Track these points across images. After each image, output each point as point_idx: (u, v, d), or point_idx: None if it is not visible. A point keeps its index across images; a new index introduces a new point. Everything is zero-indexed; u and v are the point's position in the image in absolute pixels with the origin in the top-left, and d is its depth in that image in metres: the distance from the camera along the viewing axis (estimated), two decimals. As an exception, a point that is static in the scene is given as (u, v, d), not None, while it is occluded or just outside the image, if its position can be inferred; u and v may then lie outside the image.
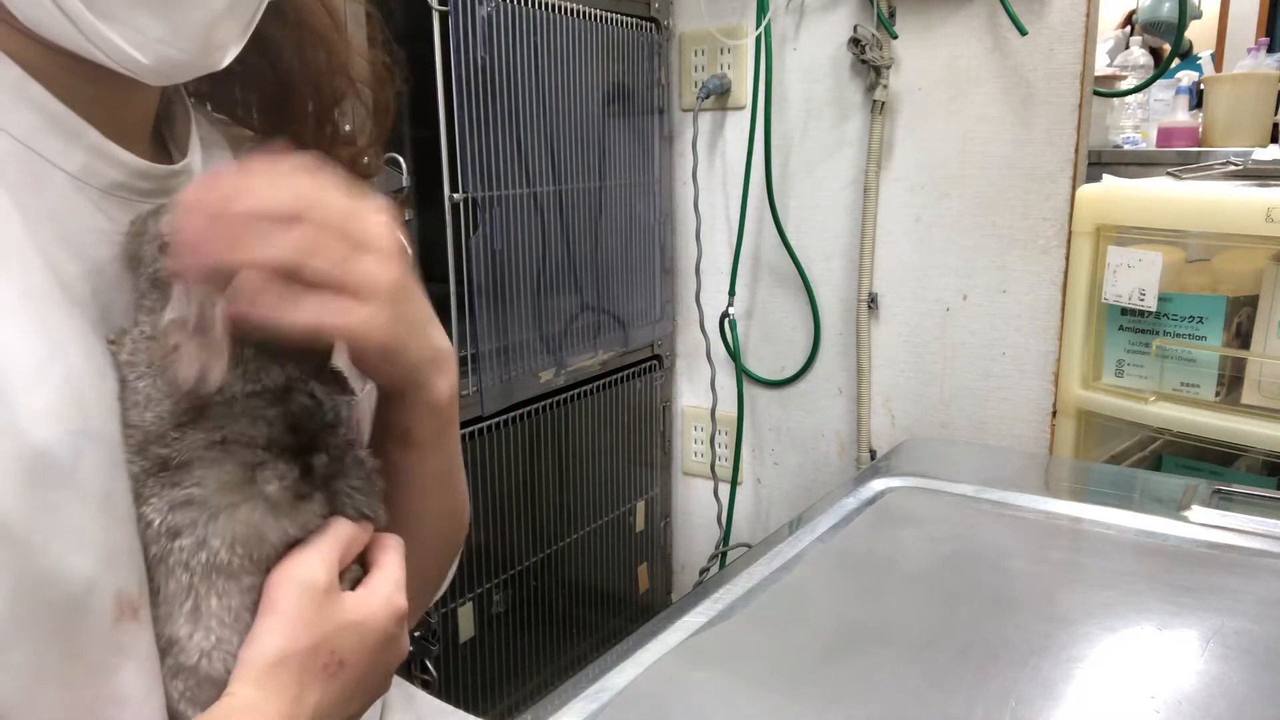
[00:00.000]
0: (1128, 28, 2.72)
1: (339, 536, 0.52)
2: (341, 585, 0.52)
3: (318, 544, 0.51)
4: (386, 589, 0.53)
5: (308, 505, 0.51)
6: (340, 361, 0.52)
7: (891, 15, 1.47)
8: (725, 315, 1.70)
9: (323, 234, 0.45)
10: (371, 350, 0.49)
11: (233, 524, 0.48)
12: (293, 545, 0.50)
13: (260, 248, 0.44)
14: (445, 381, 0.56)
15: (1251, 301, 1.24)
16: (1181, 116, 2.18)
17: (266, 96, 0.61)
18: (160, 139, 0.57)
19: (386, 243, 0.48)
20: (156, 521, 0.47)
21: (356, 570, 0.53)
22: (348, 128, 0.64)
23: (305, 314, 0.45)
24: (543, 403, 1.48)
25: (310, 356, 0.51)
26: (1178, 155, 1.92)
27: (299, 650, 0.48)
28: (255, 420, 0.49)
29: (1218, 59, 3.08)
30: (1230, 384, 1.25)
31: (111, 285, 0.49)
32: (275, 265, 0.44)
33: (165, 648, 0.48)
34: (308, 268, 0.45)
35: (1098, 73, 1.67)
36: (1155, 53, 2.49)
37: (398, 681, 0.78)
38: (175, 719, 0.49)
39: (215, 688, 0.48)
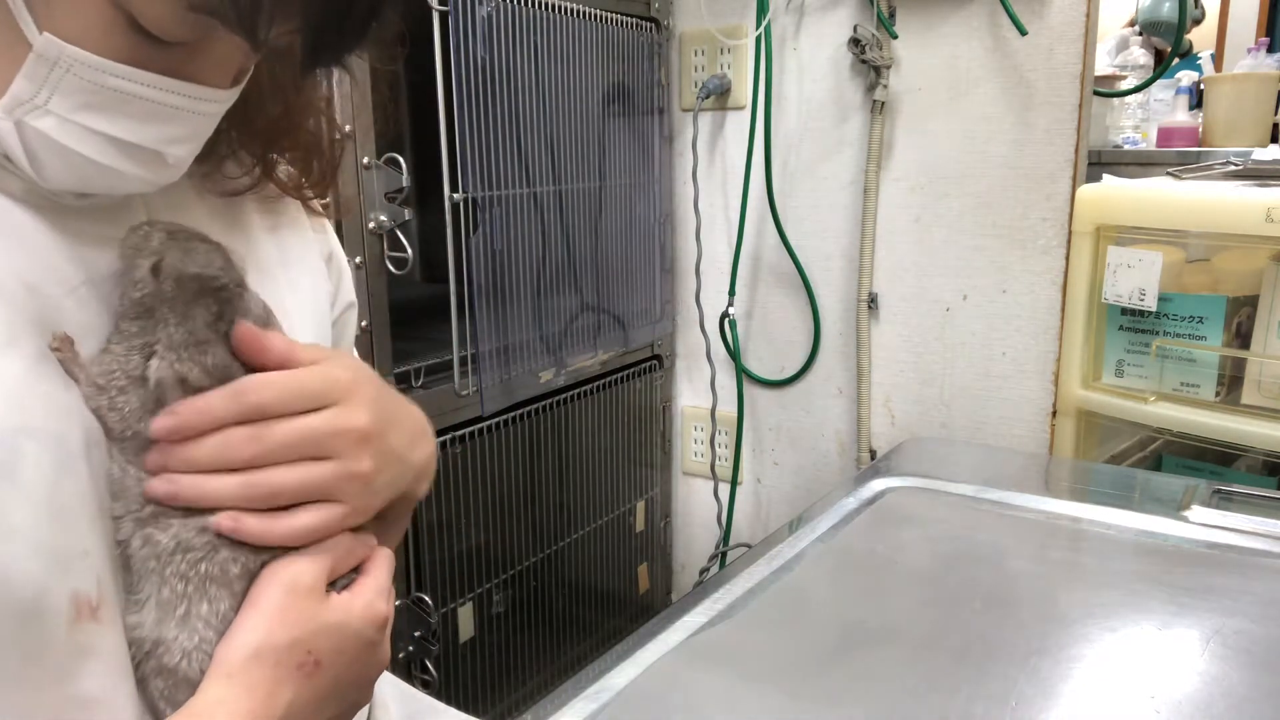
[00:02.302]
0: (1134, 27, 2.72)
1: (334, 544, 0.52)
2: (334, 590, 0.52)
3: (311, 548, 0.51)
4: (369, 595, 0.53)
5: None
6: None
7: (891, 15, 1.47)
8: (725, 315, 1.70)
9: (280, 453, 0.49)
10: (359, 524, 0.54)
11: (244, 545, 0.49)
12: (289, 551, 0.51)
13: (219, 497, 0.49)
14: (425, 484, 0.60)
15: (1251, 301, 1.24)
16: (1181, 116, 2.18)
17: None
18: None
19: (349, 428, 0.52)
20: (165, 539, 0.48)
21: (351, 578, 0.54)
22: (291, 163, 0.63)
23: (286, 532, 0.50)
24: (543, 403, 1.48)
25: None
26: (1178, 155, 1.92)
27: (275, 646, 0.48)
28: None
29: (1218, 59, 3.08)
30: (1230, 384, 1.25)
31: (56, 286, 0.49)
32: (245, 504, 0.49)
33: (151, 649, 0.48)
34: (277, 498, 0.50)
35: (1098, 73, 1.67)
36: (1159, 53, 2.49)
37: (393, 680, 0.78)
38: (157, 718, 0.49)
39: (191, 688, 0.48)
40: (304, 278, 0.63)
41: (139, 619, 0.48)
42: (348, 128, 0.65)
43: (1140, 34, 2.57)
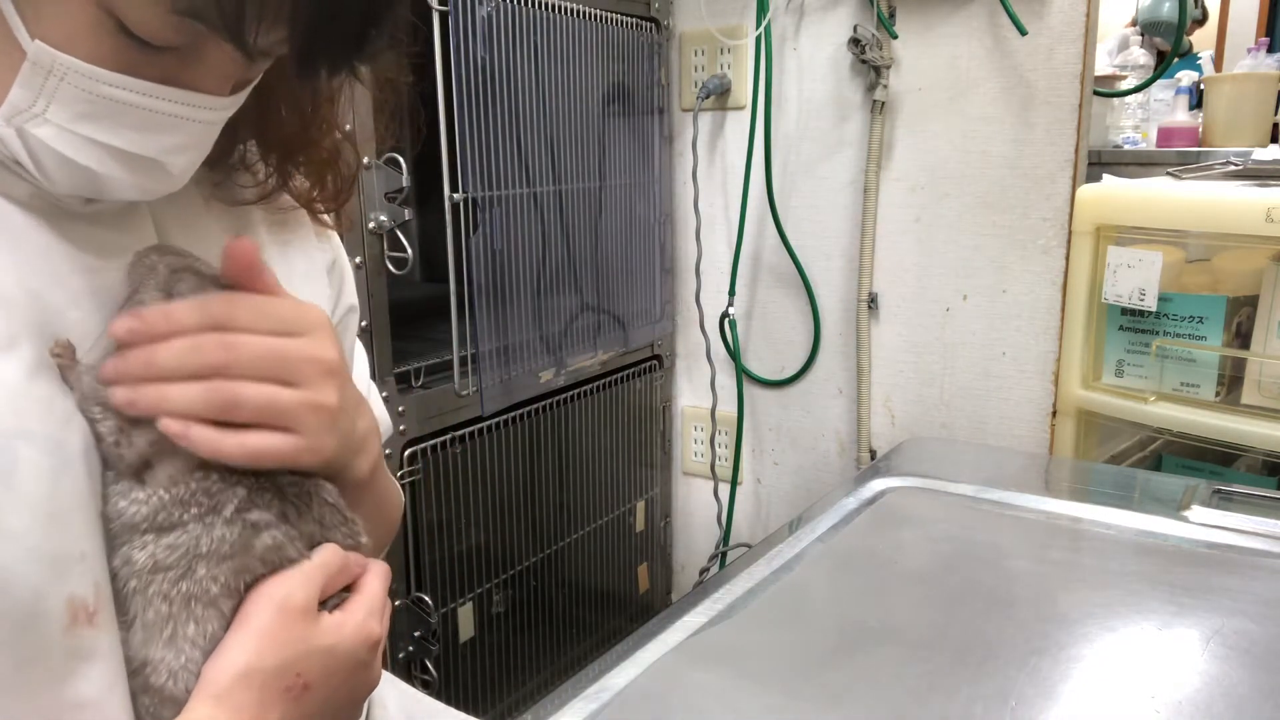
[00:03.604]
0: (1134, 27, 2.71)
1: (326, 562, 0.52)
2: (325, 609, 0.52)
3: (303, 565, 0.51)
4: (361, 614, 0.53)
5: (296, 543, 0.51)
6: None
7: (891, 15, 1.47)
8: (725, 315, 1.70)
9: (248, 367, 0.48)
10: (313, 466, 0.52)
11: (222, 563, 0.49)
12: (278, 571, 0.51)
13: (178, 401, 0.46)
14: (367, 460, 0.58)
15: (1251, 301, 1.24)
16: (1181, 116, 2.18)
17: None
18: None
19: (319, 358, 0.50)
20: (142, 559, 0.47)
21: (343, 597, 0.54)
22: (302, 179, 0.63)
23: (238, 449, 0.48)
24: (543, 403, 1.48)
25: None
26: (1178, 155, 1.91)
27: (264, 669, 0.48)
28: (248, 486, 0.50)
29: (1218, 59, 3.08)
30: (1230, 384, 1.25)
31: (58, 292, 0.48)
32: (197, 414, 0.47)
33: (139, 668, 0.48)
34: (238, 411, 0.47)
35: (1098, 73, 1.67)
36: (1160, 53, 2.49)
37: (393, 680, 0.78)
38: None
39: (176, 706, 0.48)
40: (307, 289, 0.63)
41: (126, 637, 0.48)
42: (347, 127, 0.64)
43: (1141, 34, 2.57)
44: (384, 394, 1.15)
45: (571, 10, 1.41)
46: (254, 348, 0.48)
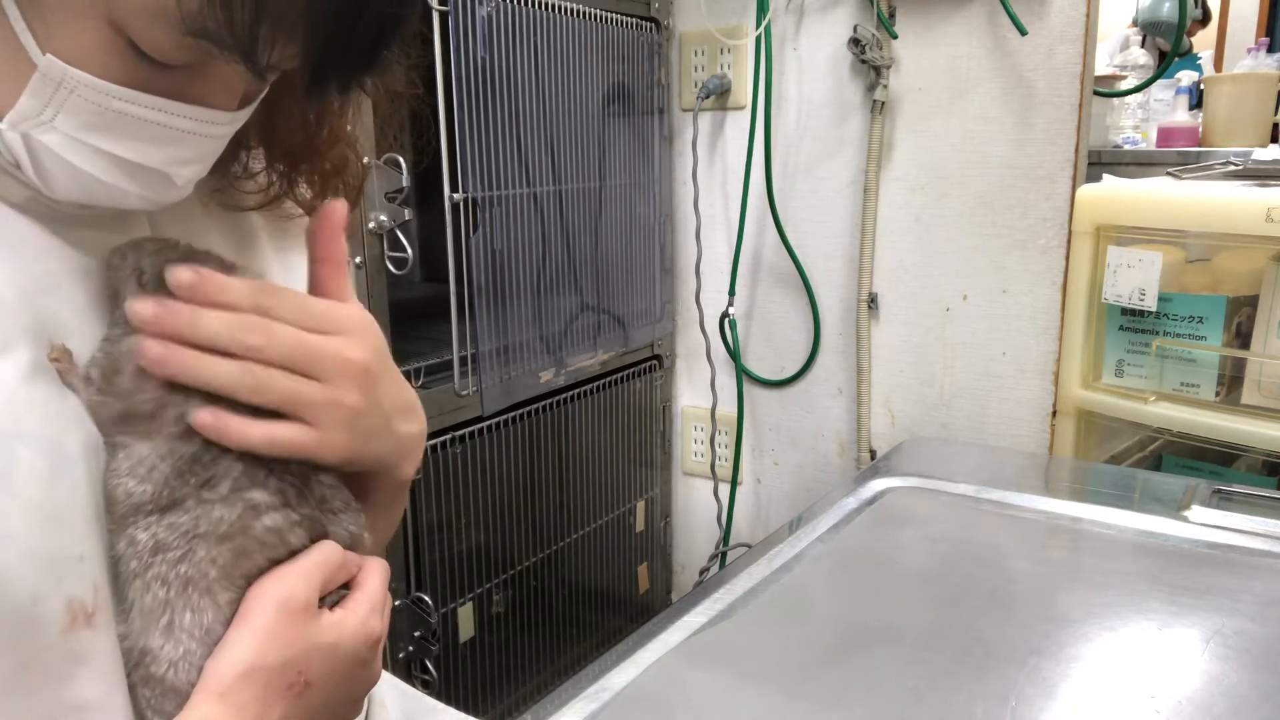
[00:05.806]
0: (1135, 27, 2.72)
1: (326, 558, 0.52)
2: (324, 606, 0.52)
3: (302, 562, 0.51)
4: (363, 612, 0.53)
5: (296, 529, 0.51)
6: None
7: (891, 15, 1.47)
8: (725, 315, 1.70)
9: (279, 356, 0.49)
10: (328, 461, 0.52)
11: (221, 543, 0.48)
12: (278, 563, 0.50)
13: (212, 375, 0.47)
14: (411, 464, 0.59)
15: (1251, 301, 1.24)
16: (1181, 116, 2.18)
17: None
18: None
19: (347, 358, 0.51)
20: (144, 539, 0.47)
21: (342, 594, 0.53)
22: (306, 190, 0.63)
23: (257, 435, 0.48)
24: (543, 403, 1.48)
25: None
26: (1178, 155, 1.92)
27: (266, 666, 0.48)
28: (244, 461, 0.50)
29: (1218, 59, 3.08)
30: (1230, 384, 1.25)
31: (54, 295, 0.48)
32: (226, 391, 0.48)
33: (139, 659, 0.48)
34: (264, 395, 0.48)
35: (1098, 73, 1.67)
36: (1162, 54, 2.50)
37: (393, 680, 0.78)
38: None
39: (178, 697, 0.48)
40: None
41: (125, 629, 0.48)
42: (349, 128, 0.64)
43: (1141, 34, 2.58)
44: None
45: (571, 10, 1.41)
46: (288, 337, 0.49)
